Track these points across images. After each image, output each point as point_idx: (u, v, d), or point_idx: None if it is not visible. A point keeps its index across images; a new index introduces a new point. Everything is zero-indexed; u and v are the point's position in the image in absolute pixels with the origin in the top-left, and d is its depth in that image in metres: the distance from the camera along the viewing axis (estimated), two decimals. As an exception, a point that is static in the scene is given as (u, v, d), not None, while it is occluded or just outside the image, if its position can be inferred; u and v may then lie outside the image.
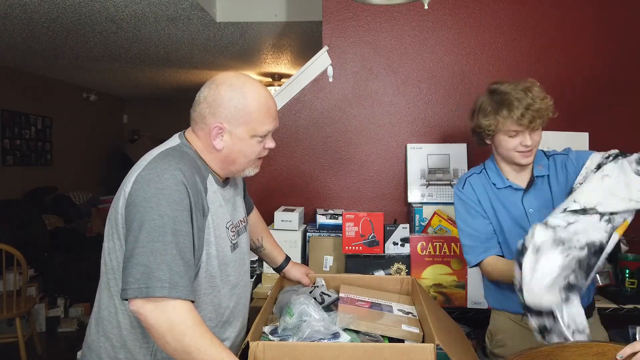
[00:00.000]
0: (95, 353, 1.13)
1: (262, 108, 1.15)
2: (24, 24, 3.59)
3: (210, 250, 1.12)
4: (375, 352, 1.05)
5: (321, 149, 2.38)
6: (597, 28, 2.28)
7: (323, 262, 2.08)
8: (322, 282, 1.56)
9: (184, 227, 1.03)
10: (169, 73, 5.61)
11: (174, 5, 3.10)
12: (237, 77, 1.16)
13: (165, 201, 1.01)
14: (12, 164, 5.37)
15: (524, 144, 1.44)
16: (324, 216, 2.16)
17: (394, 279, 1.60)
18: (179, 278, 0.98)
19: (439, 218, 2.09)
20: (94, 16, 3.38)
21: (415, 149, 2.29)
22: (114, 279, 1.10)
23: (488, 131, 1.48)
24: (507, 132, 1.45)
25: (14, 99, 5.38)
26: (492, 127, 1.46)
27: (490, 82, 1.56)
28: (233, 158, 1.17)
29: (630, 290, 1.99)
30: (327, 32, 2.35)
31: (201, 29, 3.68)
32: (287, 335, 1.19)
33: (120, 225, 1.07)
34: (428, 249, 1.95)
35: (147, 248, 0.98)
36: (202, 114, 1.14)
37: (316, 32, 3.64)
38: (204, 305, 1.13)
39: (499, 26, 2.31)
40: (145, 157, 1.13)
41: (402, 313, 1.36)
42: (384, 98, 2.35)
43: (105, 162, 7.29)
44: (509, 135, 1.45)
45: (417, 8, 2.31)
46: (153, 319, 0.96)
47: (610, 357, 1.05)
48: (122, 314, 1.10)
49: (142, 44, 4.21)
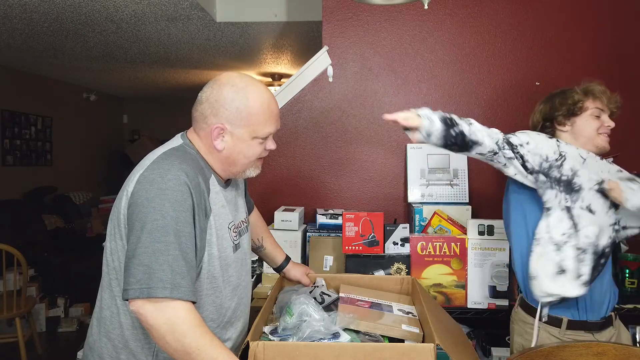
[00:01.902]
0: (96, 353, 1.14)
1: (264, 110, 1.15)
2: (24, 24, 3.59)
3: (212, 251, 1.12)
4: (375, 352, 1.05)
5: (321, 149, 2.38)
6: (597, 28, 2.28)
7: (323, 262, 2.08)
8: (322, 282, 1.56)
9: (186, 228, 1.03)
10: (169, 73, 5.61)
11: (173, 5, 3.10)
12: (240, 78, 1.16)
13: (168, 202, 1.01)
14: (12, 164, 5.37)
15: (607, 124, 1.53)
16: (324, 216, 2.16)
17: (394, 279, 1.60)
18: (180, 279, 0.98)
19: (439, 218, 2.09)
20: (94, 16, 3.38)
21: (415, 149, 2.29)
22: (116, 279, 1.11)
23: (576, 106, 1.53)
24: (594, 112, 1.52)
25: (14, 99, 5.38)
26: (580, 104, 1.52)
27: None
28: (233, 159, 1.17)
29: (630, 290, 1.99)
30: (327, 32, 2.35)
31: (201, 29, 3.68)
32: (287, 335, 1.20)
33: (123, 226, 1.07)
34: (428, 249, 1.95)
35: (149, 248, 0.98)
36: (204, 113, 1.14)
37: (316, 32, 3.64)
38: (205, 305, 1.13)
39: (499, 26, 2.31)
40: (148, 157, 1.13)
41: (402, 313, 1.36)
42: (384, 98, 2.35)
43: (106, 162, 7.29)
44: (594, 115, 1.53)
45: (417, 8, 2.31)
46: (153, 319, 0.96)
47: (610, 357, 1.05)
48: (124, 314, 1.10)
49: (142, 44, 4.21)
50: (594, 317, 1.49)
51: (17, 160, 5.47)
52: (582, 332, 1.47)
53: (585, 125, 1.53)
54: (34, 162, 5.76)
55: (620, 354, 1.10)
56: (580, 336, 1.45)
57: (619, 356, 1.10)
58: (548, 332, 1.49)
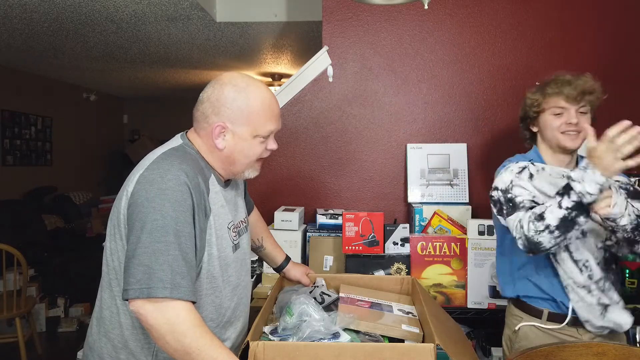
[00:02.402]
0: (96, 353, 1.14)
1: (265, 109, 1.15)
2: (24, 24, 3.59)
3: (212, 251, 1.12)
4: (375, 352, 1.05)
5: (321, 149, 2.38)
6: (597, 28, 2.28)
7: (323, 262, 2.08)
8: (322, 282, 1.56)
9: (186, 228, 1.03)
10: (169, 73, 5.61)
11: (173, 5, 3.10)
12: (241, 77, 1.16)
13: (168, 202, 1.01)
14: (12, 164, 5.37)
15: (569, 121, 1.40)
16: (324, 216, 2.16)
17: (394, 279, 1.60)
18: (180, 279, 0.98)
19: (439, 218, 2.09)
20: (94, 16, 3.38)
21: (415, 149, 2.29)
22: (115, 279, 1.11)
23: (533, 109, 1.44)
24: (553, 110, 1.42)
25: (14, 99, 5.38)
26: (537, 103, 1.43)
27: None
28: (234, 158, 1.17)
29: (630, 290, 1.99)
30: (327, 32, 2.35)
31: (201, 29, 3.68)
32: (287, 335, 1.20)
33: (123, 226, 1.07)
34: (428, 249, 1.95)
35: (149, 248, 0.98)
36: (205, 113, 1.14)
37: (316, 32, 3.64)
38: (205, 305, 1.13)
39: (499, 26, 2.31)
40: (148, 157, 1.13)
41: (402, 313, 1.36)
42: (384, 98, 2.35)
43: (106, 162, 7.29)
44: (554, 113, 1.42)
45: (417, 8, 2.31)
46: (153, 319, 0.96)
47: (611, 357, 1.05)
48: (124, 314, 1.10)
49: (142, 44, 4.21)
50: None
51: (17, 160, 5.47)
52: (565, 325, 1.45)
53: (548, 122, 1.44)
54: (34, 162, 5.76)
55: (620, 354, 1.10)
56: (564, 330, 1.44)
57: (619, 356, 1.10)
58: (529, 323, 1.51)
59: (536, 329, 1.48)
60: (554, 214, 1.25)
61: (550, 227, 1.25)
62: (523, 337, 1.50)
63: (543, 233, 1.26)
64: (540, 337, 1.47)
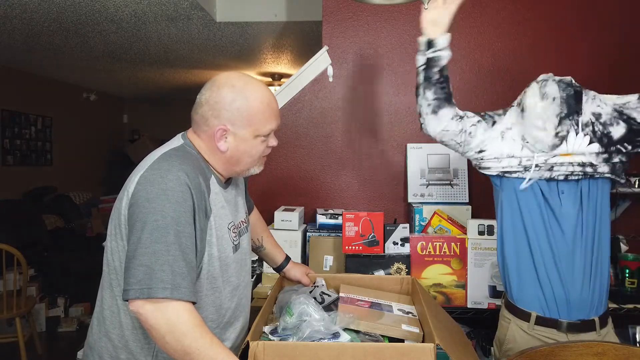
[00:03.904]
0: (96, 353, 1.14)
1: (265, 108, 1.15)
2: (24, 23, 3.59)
3: (212, 252, 1.12)
4: (375, 352, 1.05)
5: (321, 149, 2.38)
6: (597, 28, 2.28)
7: (323, 262, 2.08)
8: (322, 282, 1.56)
9: (186, 229, 1.03)
10: (169, 73, 5.62)
11: (173, 5, 3.10)
12: (238, 77, 1.15)
13: (169, 202, 1.01)
14: (12, 164, 5.37)
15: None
16: (324, 216, 2.16)
17: (394, 278, 1.60)
18: (181, 279, 0.98)
19: (439, 218, 2.09)
20: (94, 16, 3.38)
21: (415, 148, 2.29)
22: (116, 279, 1.11)
23: None
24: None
25: (14, 99, 5.39)
26: None
27: None
28: (237, 158, 1.17)
29: (630, 290, 1.99)
30: (327, 32, 2.35)
31: (201, 29, 3.68)
32: (287, 335, 1.20)
33: (123, 226, 1.07)
34: (428, 249, 1.95)
35: (150, 249, 0.98)
36: (205, 116, 1.14)
37: (316, 32, 3.64)
38: (205, 306, 1.13)
39: (499, 26, 2.31)
40: (149, 158, 1.13)
41: (402, 313, 1.36)
42: (384, 98, 2.35)
43: (106, 162, 7.29)
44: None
45: (417, 8, 2.31)
46: (153, 319, 0.96)
47: (611, 357, 1.05)
48: (125, 314, 1.10)
49: (142, 44, 4.21)
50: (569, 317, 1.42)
51: (17, 160, 5.47)
52: (553, 330, 1.42)
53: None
54: (34, 162, 5.76)
55: (620, 354, 1.10)
56: (553, 335, 1.42)
57: (619, 356, 1.10)
58: (518, 326, 1.49)
59: (523, 332, 1.47)
60: (417, 79, 1.56)
61: (419, 90, 1.54)
62: (511, 339, 1.50)
63: (418, 98, 1.54)
64: (526, 340, 1.45)
